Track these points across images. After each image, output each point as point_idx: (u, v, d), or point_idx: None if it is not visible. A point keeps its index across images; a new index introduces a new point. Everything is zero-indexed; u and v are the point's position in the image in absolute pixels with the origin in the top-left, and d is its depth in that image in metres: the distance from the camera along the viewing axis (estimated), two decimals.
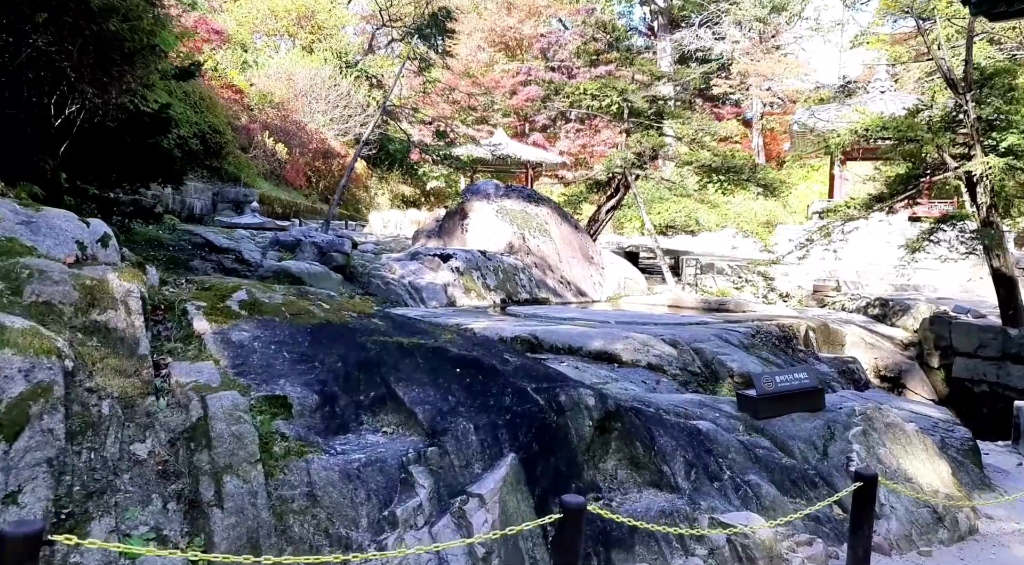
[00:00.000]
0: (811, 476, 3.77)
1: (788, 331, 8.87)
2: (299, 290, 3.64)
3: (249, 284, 3.53)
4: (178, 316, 3.21)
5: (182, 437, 2.60)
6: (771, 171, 15.35)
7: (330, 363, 3.15)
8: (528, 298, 11.77)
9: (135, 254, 9.46)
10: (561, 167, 29.93)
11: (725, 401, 4.50)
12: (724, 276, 14.87)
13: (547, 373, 3.68)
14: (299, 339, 3.25)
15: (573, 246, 13.42)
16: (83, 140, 8.08)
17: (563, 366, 6.56)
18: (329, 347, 3.25)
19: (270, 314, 3.35)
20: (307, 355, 3.17)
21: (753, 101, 33.52)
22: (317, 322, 3.39)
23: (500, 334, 7.58)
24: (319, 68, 32.01)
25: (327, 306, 3.58)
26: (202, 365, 2.91)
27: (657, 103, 14.75)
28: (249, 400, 2.80)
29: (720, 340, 7.70)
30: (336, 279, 10.20)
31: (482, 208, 12.90)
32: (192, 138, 19.16)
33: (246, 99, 27.95)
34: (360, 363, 3.21)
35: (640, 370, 6.80)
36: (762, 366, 7.28)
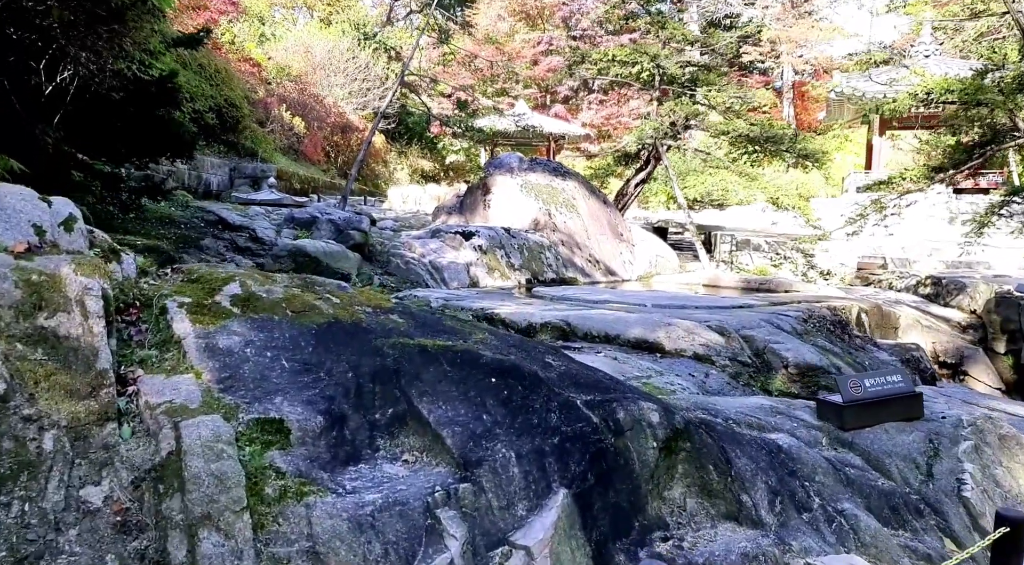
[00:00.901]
0: (914, 502, 3.15)
1: (841, 314, 8.18)
2: (304, 281, 3.06)
3: (244, 274, 2.95)
4: (155, 316, 2.64)
5: (149, 477, 2.04)
6: (813, 140, 14.48)
7: (339, 373, 2.57)
8: (555, 278, 11.15)
9: (143, 232, 8.97)
10: (584, 139, 29.08)
11: (800, 407, 3.88)
12: (761, 253, 14.13)
13: (597, 380, 3.08)
14: (302, 343, 2.67)
15: (601, 222, 12.75)
16: (83, 111, 7.53)
17: (600, 357, 5.98)
18: (338, 353, 2.67)
19: (267, 312, 2.77)
20: (311, 363, 2.59)
21: (784, 69, 32.31)
22: (324, 321, 2.80)
23: (529, 320, 6.99)
24: (337, 40, 31.35)
25: (336, 300, 3.00)
26: (180, 379, 2.35)
27: (690, 69, 13.93)
28: (237, 426, 2.23)
29: (771, 326, 7.04)
30: (354, 259, 9.65)
31: (505, 183, 12.25)
32: (208, 112, 18.68)
33: (264, 72, 27.40)
34: (375, 372, 2.63)
35: (686, 361, 6.19)
36: (819, 355, 6.63)
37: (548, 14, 36.78)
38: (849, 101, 20.14)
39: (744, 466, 2.94)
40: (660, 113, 13.98)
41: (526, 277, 10.76)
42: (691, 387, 5.44)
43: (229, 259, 8.79)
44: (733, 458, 2.96)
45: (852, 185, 21.01)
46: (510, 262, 10.74)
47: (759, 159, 21.90)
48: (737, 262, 14.26)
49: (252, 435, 2.23)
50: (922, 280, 11.33)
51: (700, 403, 3.69)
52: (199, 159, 17.64)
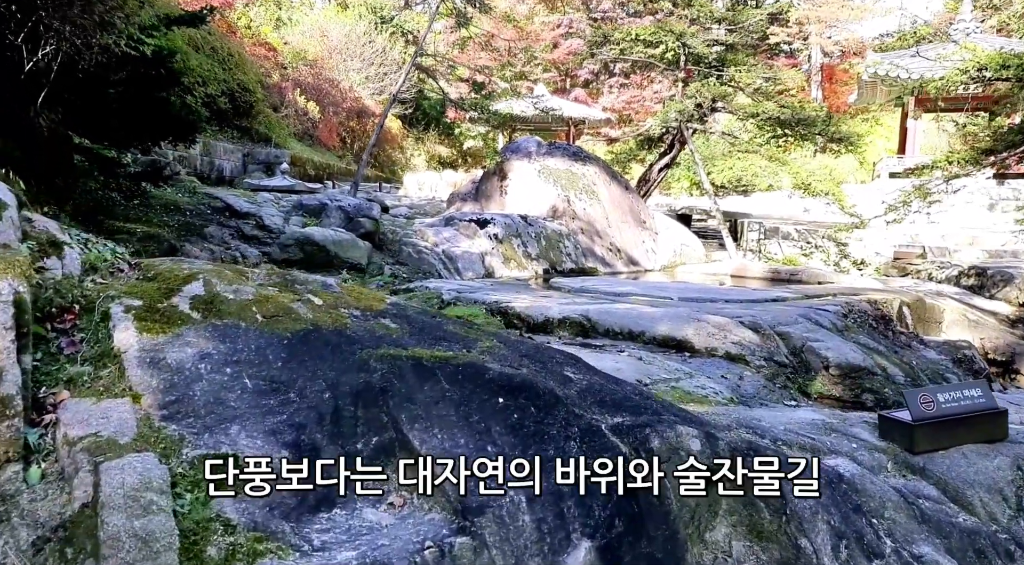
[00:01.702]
0: (1004, 543, 2.65)
1: (883, 308, 7.62)
2: (283, 278, 2.61)
3: (211, 270, 2.50)
4: (96, 323, 2.20)
5: (55, 537, 1.60)
6: (847, 122, 13.79)
7: (313, 394, 2.12)
8: (574, 268, 10.65)
9: (145, 220, 8.58)
10: (605, 124, 28.41)
11: (856, 422, 3.37)
12: (790, 241, 13.51)
13: (625, 397, 2.60)
14: (271, 356, 2.21)
15: (623, 209, 12.21)
16: (75, 91, 7.15)
17: (624, 357, 5.50)
18: (315, 368, 2.21)
19: (233, 317, 2.32)
20: (280, 382, 2.14)
21: (812, 50, 31.34)
22: (301, 328, 2.34)
23: (546, 314, 6.52)
24: (354, 24, 30.87)
25: (319, 302, 2.54)
26: (113, 405, 1.90)
27: (717, 48, 13.28)
28: (178, 465, 1.78)
29: (809, 322, 6.50)
30: (364, 247, 9.23)
31: (523, 168, 11.74)
32: (220, 96, 18.28)
33: (279, 57, 27.03)
34: (358, 392, 2.17)
35: (717, 361, 5.70)
36: (862, 354, 6.09)
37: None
38: (883, 82, 19.33)
39: (801, 502, 2.45)
40: (686, 95, 13.35)
41: (543, 267, 10.27)
42: (724, 391, 4.95)
43: (234, 248, 8.40)
44: (787, 491, 2.47)
45: (884, 170, 20.24)
46: (527, 251, 10.25)
47: (784, 144, 21.15)
48: (765, 251, 13.66)
49: (196, 477, 1.78)
50: (964, 270, 10.67)
51: (743, 419, 3.20)
52: (211, 145, 17.30)
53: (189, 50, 16.78)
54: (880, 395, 5.65)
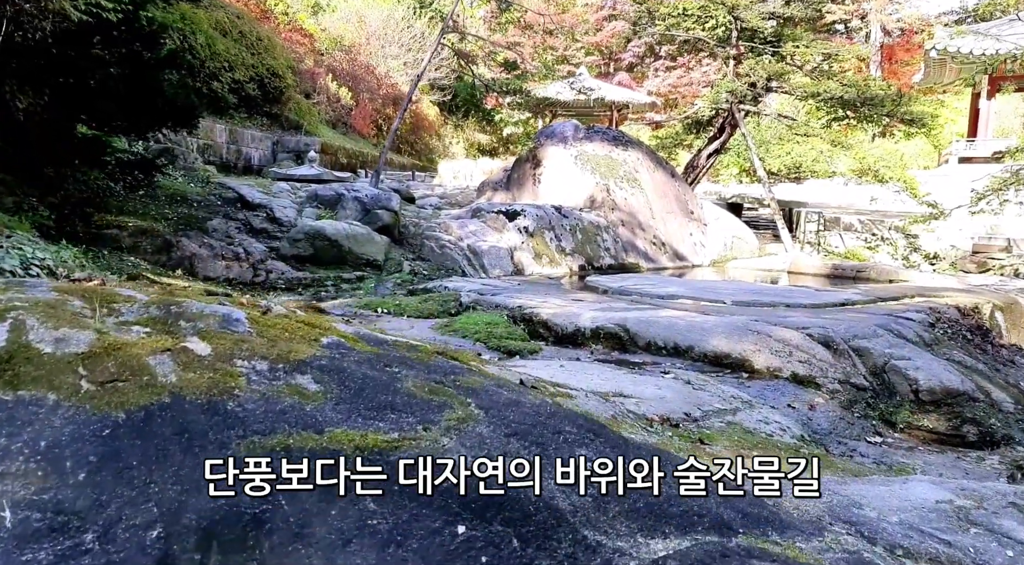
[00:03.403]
0: None
1: (975, 315, 6.50)
2: (165, 310, 1.75)
3: (40, 306, 1.66)
4: None
5: None
6: (920, 102, 12.44)
7: (129, 535, 1.25)
8: (612, 264, 9.68)
9: (143, 212, 7.88)
10: (650, 108, 27.16)
11: (1000, 505, 2.38)
12: (853, 233, 12.29)
13: (668, 499, 1.68)
14: (70, 461, 1.35)
15: (668, 198, 11.16)
16: (53, 70, 6.45)
17: (668, 380, 4.55)
18: (144, 481, 1.34)
19: (39, 384, 1.47)
20: (73, 511, 1.27)
21: (872, 29, 29.50)
22: (145, 403, 1.48)
23: (576, 323, 5.60)
24: (392, 9, 30.23)
25: (203, 350, 1.67)
26: None
27: (774, 21, 12.07)
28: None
29: (890, 334, 5.44)
30: (381, 242, 8.42)
31: (558, 154, 10.77)
32: (248, 82, 17.68)
33: (316, 44, 26.53)
34: (211, 528, 1.29)
35: (782, 384, 4.72)
36: (959, 375, 5.02)
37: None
38: (953, 59, 17.79)
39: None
40: (738, 74, 12.18)
41: (579, 263, 9.32)
42: (793, 426, 3.99)
43: (237, 243, 7.65)
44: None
45: (953, 155, 18.71)
46: (560, 246, 9.31)
47: (842, 127, 19.71)
48: (825, 244, 12.47)
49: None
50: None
51: (838, 505, 2.24)
52: (238, 132, 16.73)
53: (215, 34, 16.18)
54: (985, 427, 4.61)
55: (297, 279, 7.43)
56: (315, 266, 7.85)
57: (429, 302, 6.52)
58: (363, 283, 7.66)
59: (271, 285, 7.22)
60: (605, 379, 4.18)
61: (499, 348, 5.14)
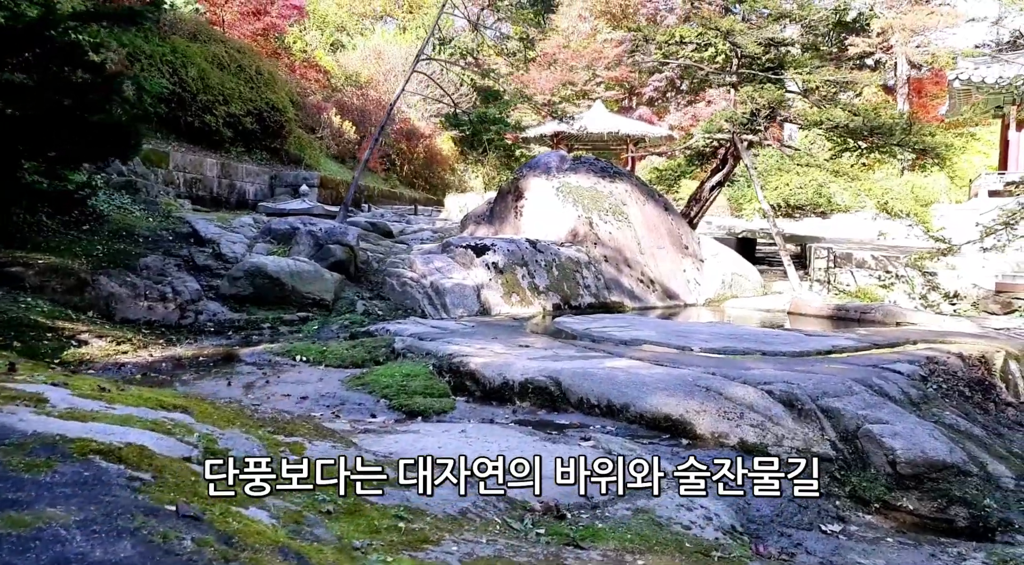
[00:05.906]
0: None
1: (980, 366, 5.61)
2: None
3: None
4: None
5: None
6: (933, 130, 11.57)
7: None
8: (593, 303, 8.93)
9: (63, 249, 7.33)
10: (667, 141, 26.50)
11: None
12: (866, 270, 11.37)
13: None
14: None
15: (660, 233, 10.42)
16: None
17: (587, 446, 3.83)
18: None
19: None
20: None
21: (898, 61, 28.54)
22: None
23: (505, 376, 4.89)
24: (412, 46, 30.37)
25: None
26: None
27: (774, 49, 11.37)
28: None
29: (868, 391, 4.61)
30: (332, 280, 7.80)
31: (540, 186, 10.13)
32: (246, 116, 17.42)
33: (332, 80, 26.61)
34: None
35: (727, 455, 3.94)
36: (947, 442, 4.18)
37: (632, 12, 34.45)
38: (978, 89, 16.90)
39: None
40: (737, 101, 11.48)
41: (553, 302, 8.60)
42: (723, 513, 3.25)
43: (167, 282, 7.09)
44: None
45: (983, 188, 17.66)
46: (533, 283, 8.61)
47: (865, 158, 18.76)
48: (836, 281, 11.56)
49: None
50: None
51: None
52: (232, 166, 16.42)
53: (210, 67, 16.00)
54: (978, 509, 3.77)
55: (230, 321, 6.83)
56: (255, 306, 7.25)
57: (358, 349, 5.86)
58: (305, 326, 7.03)
59: (199, 328, 6.63)
60: (505, 449, 3.46)
61: (402, 407, 4.44)
